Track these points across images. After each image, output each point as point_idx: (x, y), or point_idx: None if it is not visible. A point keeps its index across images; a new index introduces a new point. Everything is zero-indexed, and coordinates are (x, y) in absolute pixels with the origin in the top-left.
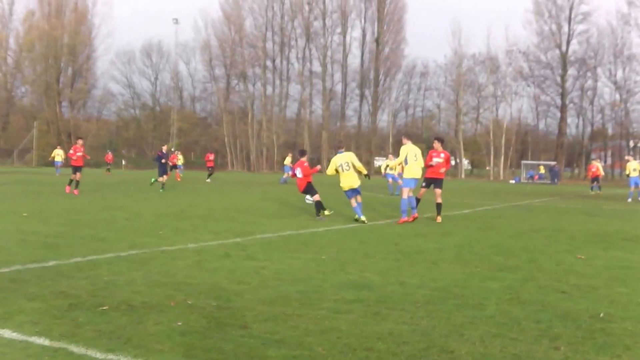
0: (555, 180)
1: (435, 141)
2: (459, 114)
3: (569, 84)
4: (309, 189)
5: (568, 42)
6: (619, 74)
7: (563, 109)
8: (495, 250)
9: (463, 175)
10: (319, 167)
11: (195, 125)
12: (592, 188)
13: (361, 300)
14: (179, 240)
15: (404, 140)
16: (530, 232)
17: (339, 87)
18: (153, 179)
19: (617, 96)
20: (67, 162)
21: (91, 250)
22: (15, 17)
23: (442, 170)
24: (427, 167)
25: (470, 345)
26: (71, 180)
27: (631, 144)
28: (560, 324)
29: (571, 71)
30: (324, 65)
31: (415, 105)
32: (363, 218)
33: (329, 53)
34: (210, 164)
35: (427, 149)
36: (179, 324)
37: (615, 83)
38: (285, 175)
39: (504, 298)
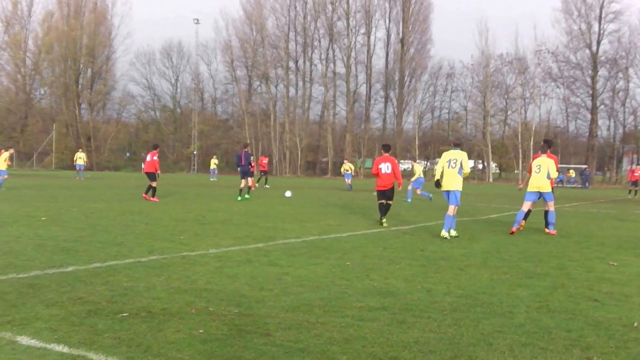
0: (586, 184)
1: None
2: (486, 116)
3: (599, 84)
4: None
5: (598, 42)
6: None
7: (593, 110)
8: (524, 256)
9: (491, 179)
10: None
11: (216, 128)
12: (629, 192)
13: (386, 308)
14: (200, 245)
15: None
16: (559, 237)
17: (363, 89)
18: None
19: None
20: (89, 165)
21: (110, 256)
22: (34, 19)
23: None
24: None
25: (499, 355)
26: (149, 188)
27: None
28: (592, 333)
29: (602, 72)
30: (347, 67)
31: (441, 108)
32: (452, 233)
33: (352, 54)
34: (263, 168)
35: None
36: (200, 331)
37: None
38: (348, 181)
39: (534, 306)
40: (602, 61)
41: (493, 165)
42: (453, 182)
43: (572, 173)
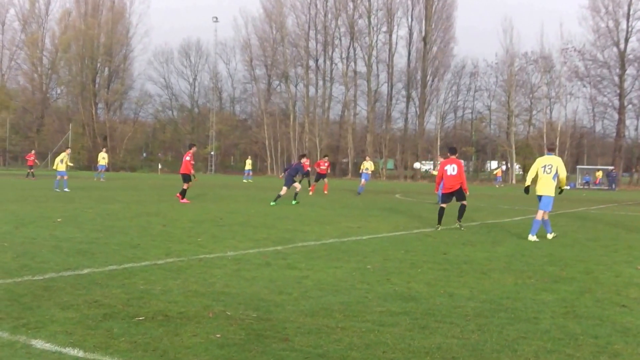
0: (613, 186)
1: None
2: (511, 116)
3: (627, 83)
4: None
5: (626, 40)
6: None
7: (621, 110)
8: (549, 260)
9: (514, 181)
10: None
11: (234, 128)
12: None
13: (408, 313)
14: (217, 247)
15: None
16: (585, 241)
17: (384, 88)
18: (294, 201)
19: None
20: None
21: (126, 258)
22: (51, 17)
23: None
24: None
25: None
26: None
27: None
28: (620, 339)
29: (630, 70)
30: (369, 66)
31: (464, 107)
32: (550, 235)
33: (374, 52)
34: (322, 171)
35: (476, 153)
36: (217, 336)
37: None
38: (363, 182)
39: (559, 311)
40: (630, 59)
41: (517, 166)
42: (547, 187)
43: (600, 174)
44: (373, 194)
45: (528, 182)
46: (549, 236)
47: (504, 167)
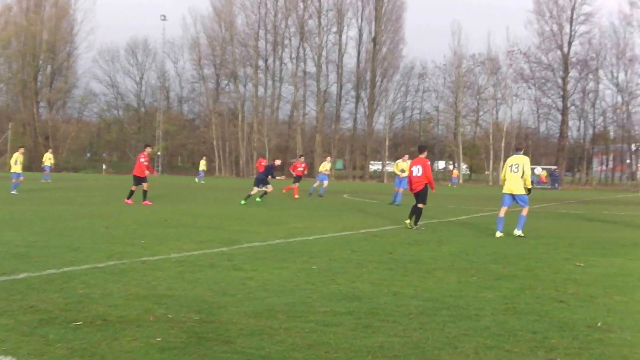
0: (556, 185)
1: None
2: (458, 117)
3: (570, 85)
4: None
5: (570, 43)
6: (621, 76)
7: (564, 111)
8: (492, 259)
9: (461, 180)
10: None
11: (182, 128)
12: None
13: (352, 312)
14: (161, 249)
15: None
16: (528, 239)
17: (333, 89)
18: (258, 199)
19: (619, 99)
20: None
21: (66, 261)
22: None
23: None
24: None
25: (464, 358)
26: (134, 192)
27: (633, 147)
28: (557, 334)
29: (572, 73)
30: (318, 66)
31: (413, 108)
32: (517, 232)
33: (324, 53)
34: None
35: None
36: (158, 339)
37: (617, 85)
38: (324, 184)
39: (500, 308)
40: (573, 62)
41: (464, 166)
42: (517, 185)
43: (544, 173)
44: (304, 195)
45: (502, 183)
46: (498, 234)
47: (450, 167)
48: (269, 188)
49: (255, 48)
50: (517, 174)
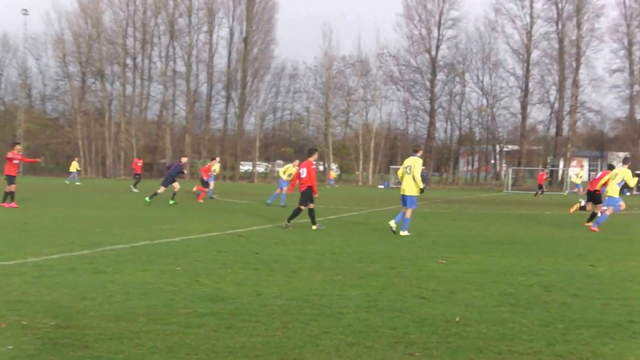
0: (425, 185)
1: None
2: (329, 118)
3: (437, 88)
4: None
5: (437, 47)
6: (486, 79)
7: (432, 113)
8: (358, 257)
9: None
10: None
11: (45, 127)
12: (536, 193)
13: (214, 313)
14: (18, 254)
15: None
16: (393, 238)
17: (204, 89)
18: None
19: (484, 101)
20: None
21: None
22: None
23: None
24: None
25: (325, 356)
26: (6, 193)
27: (497, 148)
28: (416, 329)
29: (440, 76)
30: (188, 65)
31: (283, 108)
32: (403, 233)
33: (194, 52)
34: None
35: (295, 154)
36: (9, 347)
37: (482, 88)
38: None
39: (363, 306)
40: (440, 66)
41: (334, 166)
42: (407, 186)
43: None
44: (189, 195)
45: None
46: (402, 233)
47: (321, 168)
48: (177, 187)
49: (124, 46)
50: (409, 175)
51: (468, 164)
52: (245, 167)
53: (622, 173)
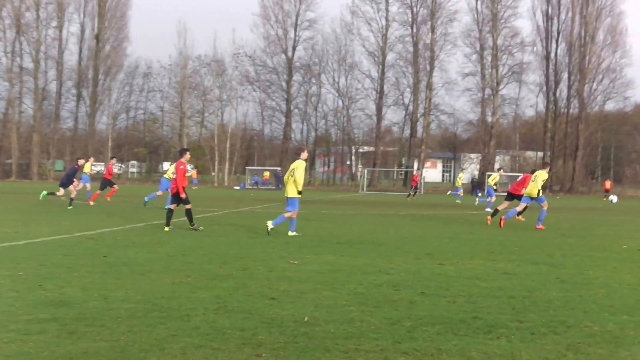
0: (280, 185)
1: None
2: (183, 118)
3: (294, 89)
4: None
5: (294, 48)
6: (342, 81)
7: (288, 114)
8: (209, 259)
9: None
10: None
11: None
12: (409, 194)
13: (57, 319)
14: None
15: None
16: (246, 238)
17: (53, 86)
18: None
19: (340, 103)
20: None
21: None
22: None
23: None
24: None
25: (171, 359)
26: None
27: (353, 149)
28: (265, 330)
29: (296, 77)
30: (36, 62)
31: (137, 108)
32: (269, 224)
33: (42, 48)
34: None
35: (149, 154)
36: None
37: (338, 90)
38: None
39: (212, 308)
40: (296, 67)
41: (189, 167)
42: (289, 189)
43: (267, 174)
44: (34, 197)
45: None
46: (290, 233)
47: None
48: (72, 191)
49: None
50: (292, 178)
51: (324, 164)
52: (98, 167)
53: (541, 175)
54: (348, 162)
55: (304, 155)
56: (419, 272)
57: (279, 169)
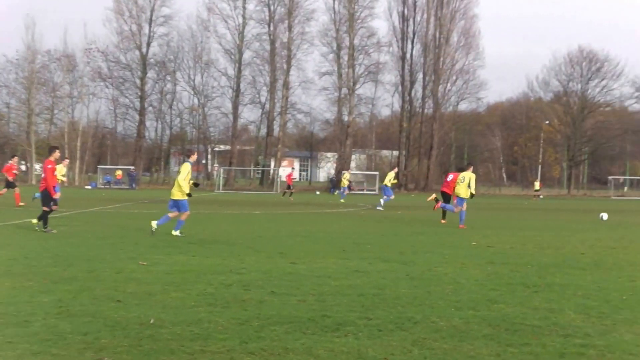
0: (133, 185)
1: None
2: (31, 115)
3: (148, 86)
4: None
5: (148, 44)
6: (198, 78)
7: (142, 112)
8: (54, 261)
9: (34, 182)
10: None
11: None
12: (284, 193)
13: None
14: None
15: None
16: (94, 239)
17: None
18: None
19: (196, 101)
20: None
21: None
22: None
23: None
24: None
25: None
26: None
27: (209, 148)
28: (108, 334)
29: (150, 74)
30: None
31: None
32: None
33: None
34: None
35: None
36: None
37: (193, 88)
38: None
39: (53, 312)
40: (151, 63)
41: (37, 166)
42: (175, 191)
43: (120, 174)
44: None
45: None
46: (175, 233)
47: (23, 167)
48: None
49: None
50: (177, 179)
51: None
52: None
53: (468, 176)
54: (204, 161)
55: (193, 157)
56: (271, 271)
57: (132, 167)
